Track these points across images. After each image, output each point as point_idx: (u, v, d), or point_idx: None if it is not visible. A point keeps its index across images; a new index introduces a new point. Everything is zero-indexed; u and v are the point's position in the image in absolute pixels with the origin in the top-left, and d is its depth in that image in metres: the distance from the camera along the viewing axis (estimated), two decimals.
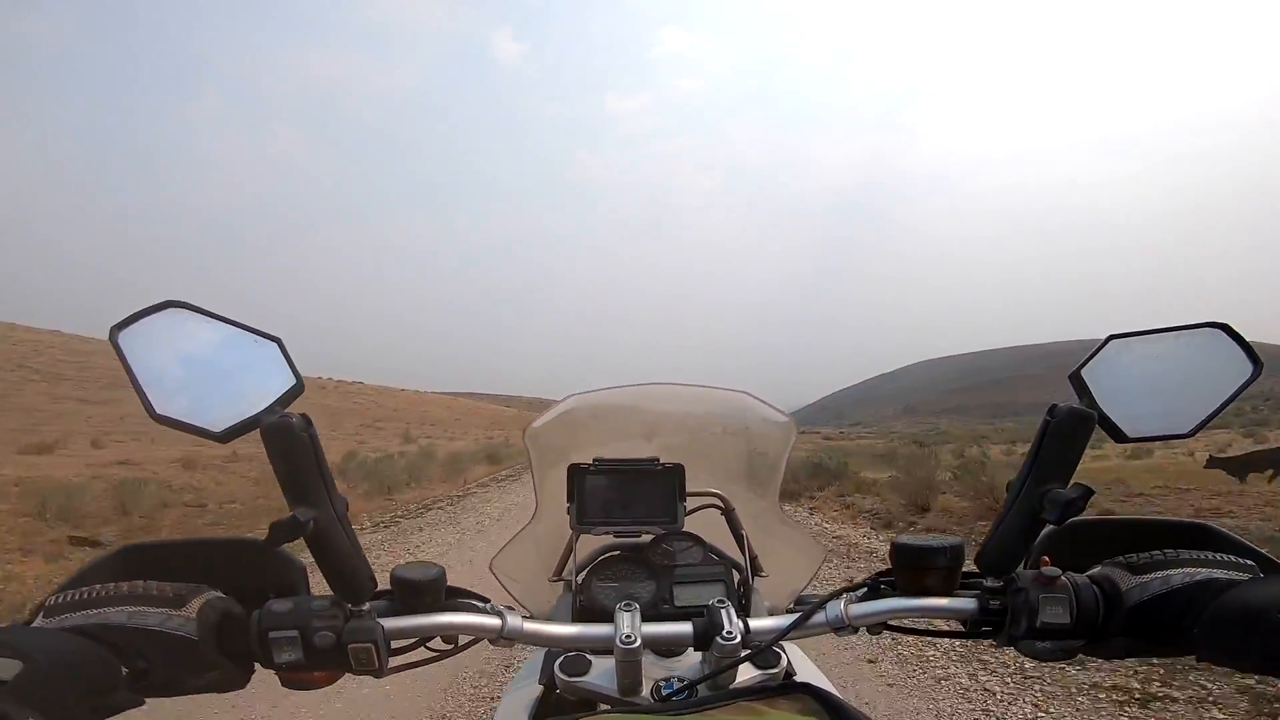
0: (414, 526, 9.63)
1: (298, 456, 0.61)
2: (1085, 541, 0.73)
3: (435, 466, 18.04)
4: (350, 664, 0.63)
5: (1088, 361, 0.69)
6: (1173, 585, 0.63)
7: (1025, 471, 0.68)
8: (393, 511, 11.17)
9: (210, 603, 0.62)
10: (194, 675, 0.60)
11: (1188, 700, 3.26)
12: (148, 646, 0.57)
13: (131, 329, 0.60)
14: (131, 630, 0.58)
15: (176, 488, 12.05)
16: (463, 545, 7.89)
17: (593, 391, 1.02)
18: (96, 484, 10.27)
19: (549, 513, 0.96)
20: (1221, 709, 3.14)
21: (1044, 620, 0.65)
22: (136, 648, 0.57)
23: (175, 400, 0.61)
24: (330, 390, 53.12)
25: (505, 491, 14.79)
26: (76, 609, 0.58)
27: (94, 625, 0.57)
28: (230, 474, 14.11)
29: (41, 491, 8.93)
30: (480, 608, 0.72)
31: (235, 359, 0.63)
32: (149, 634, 0.58)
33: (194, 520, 9.67)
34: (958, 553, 0.71)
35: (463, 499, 13.20)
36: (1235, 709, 3.14)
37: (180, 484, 12.57)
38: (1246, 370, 0.67)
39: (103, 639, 0.56)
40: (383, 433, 36.77)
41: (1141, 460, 18.79)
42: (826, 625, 0.72)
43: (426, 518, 10.54)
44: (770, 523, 1.03)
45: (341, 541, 0.63)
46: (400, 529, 9.43)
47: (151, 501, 9.81)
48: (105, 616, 0.58)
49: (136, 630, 0.58)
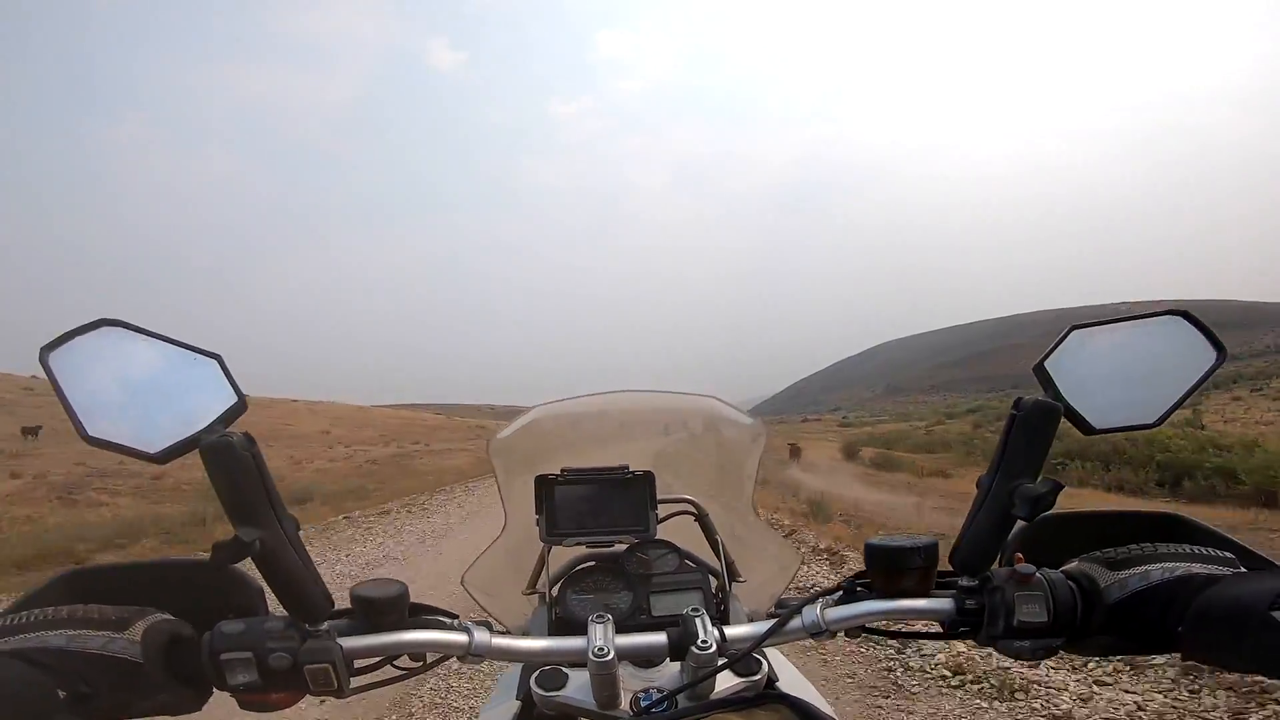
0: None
1: (240, 476, 0.58)
2: (1058, 536, 0.72)
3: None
4: (308, 685, 0.61)
5: (1050, 353, 0.68)
6: (1152, 581, 0.63)
7: (994, 467, 0.67)
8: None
9: (156, 625, 0.59)
10: (141, 699, 0.58)
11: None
12: (89, 670, 0.55)
13: (63, 349, 0.58)
14: (72, 654, 0.55)
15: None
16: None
17: (558, 401, 1.00)
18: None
19: (519, 525, 0.95)
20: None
21: (1021, 619, 0.64)
22: (77, 672, 0.54)
23: (110, 421, 0.58)
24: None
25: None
26: (14, 633, 0.56)
27: (31, 649, 0.54)
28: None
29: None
30: (446, 624, 0.70)
31: (174, 378, 0.61)
32: (90, 658, 0.55)
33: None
34: (932, 552, 0.70)
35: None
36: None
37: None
38: (1210, 357, 0.67)
39: (41, 663, 0.53)
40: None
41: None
42: (803, 630, 0.70)
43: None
44: (745, 527, 1.03)
45: (292, 561, 0.61)
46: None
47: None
48: (44, 640, 0.55)
49: (77, 654, 0.55)
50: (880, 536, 0.72)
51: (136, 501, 13.35)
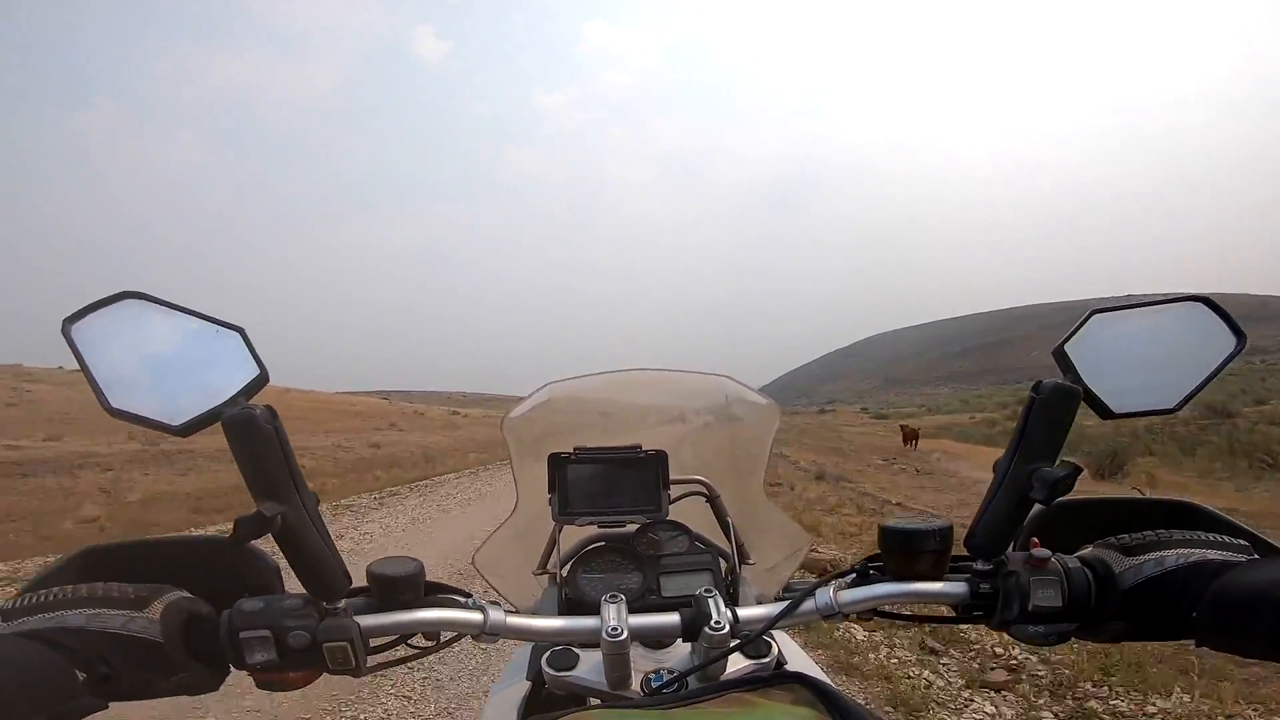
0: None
1: (262, 449, 0.58)
2: (1075, 521, 0.72)
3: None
4: (326, 664, 0.61)
5: (1070, 337, 0.68)
6: (1166, 567, 0.63)
7: (1011, 450, 0.67)
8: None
9: (175, 603, 0.59)
10: (161, 678, 0.58)
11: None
12: (109, 650, 0.55)
13: (85, 321, 0.58)
14: (91, 633, 0.55)
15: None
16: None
17: (570, 379, 1.00)
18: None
19: (530, 504, 0.94)
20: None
21: (1035, 603, 0.64)
22: (97, 652, 0.54)
23: (132, 394, 0.58)
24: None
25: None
26: (33, 613, 0.56)
27: (51, 629, 0.55)
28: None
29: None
30: (461, 603, 0.70)
31: (196, 350, 0.60)
32: (110, 636, 0.55)
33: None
34: (946, 535, 0.70)
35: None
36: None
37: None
38: (1230, 344, 0.67)
39: (60, 643, 0.53)
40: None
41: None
42: (816, 612, 0.70)
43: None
44: (756, 509, 1.02)
45: (312, 537, 0.61)
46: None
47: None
48: (63, 620, 0.55)
49: (96, 633, 0.55)
50: (894, 519, 0.72)
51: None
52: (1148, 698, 3.18)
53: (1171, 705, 3.08)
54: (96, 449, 17.15)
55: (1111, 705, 3.15)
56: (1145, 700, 3.16)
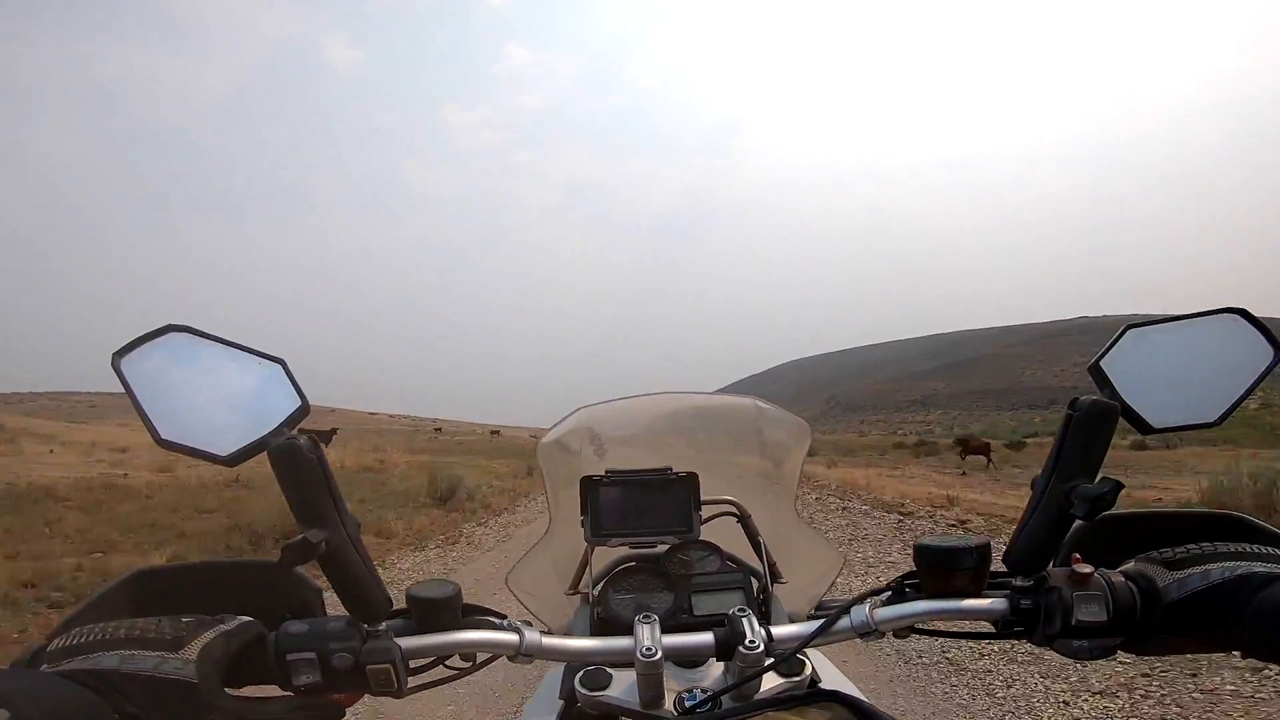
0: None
1: (306, 478, 0.60)
2: (1115, 536, 0.71)
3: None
4: (369, 685, 0.62)
5: (1106, 353, 0.67)
6: (1212, 581, 0.61)
7: (1050, 467, 0.66)
8: None
9: (213, 642, 0.59)
10: (193, 718, 0.57)
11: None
12: (139, 692, 0.55)
13: (133, 354, 0.60)
14: (123, 675, 0.55)
15: None
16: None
17: (601, 403, 1.01)
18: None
19: (563, 526, 0.95)
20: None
21: (1080, 619, 0.63)
22: (128, 693, 0.54)
23: (180, 425, 0.60)
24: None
25: None
26: (71, 655, 0.56)
27: (86, 671, 0.55)
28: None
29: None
30: (497, 624, 0.71)
31: (240, 382, 0.62)
32: (141, 680, 0.55)
33: None
34: (984, 553, 0.69)
35: None
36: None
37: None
38: (1268, 355, 0.66)
39: (93, 685, 0.54)
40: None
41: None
42: (852, 630, 0.70)
43: None
44: (787, 528, 1.02)
45: (355, 562, 0.62)
46: None
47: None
48: (98, 661, 0.56)
49: (127, 675, 0.55)
50: (930, 537, 0.72)
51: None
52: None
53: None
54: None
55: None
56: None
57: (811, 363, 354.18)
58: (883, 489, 13.97)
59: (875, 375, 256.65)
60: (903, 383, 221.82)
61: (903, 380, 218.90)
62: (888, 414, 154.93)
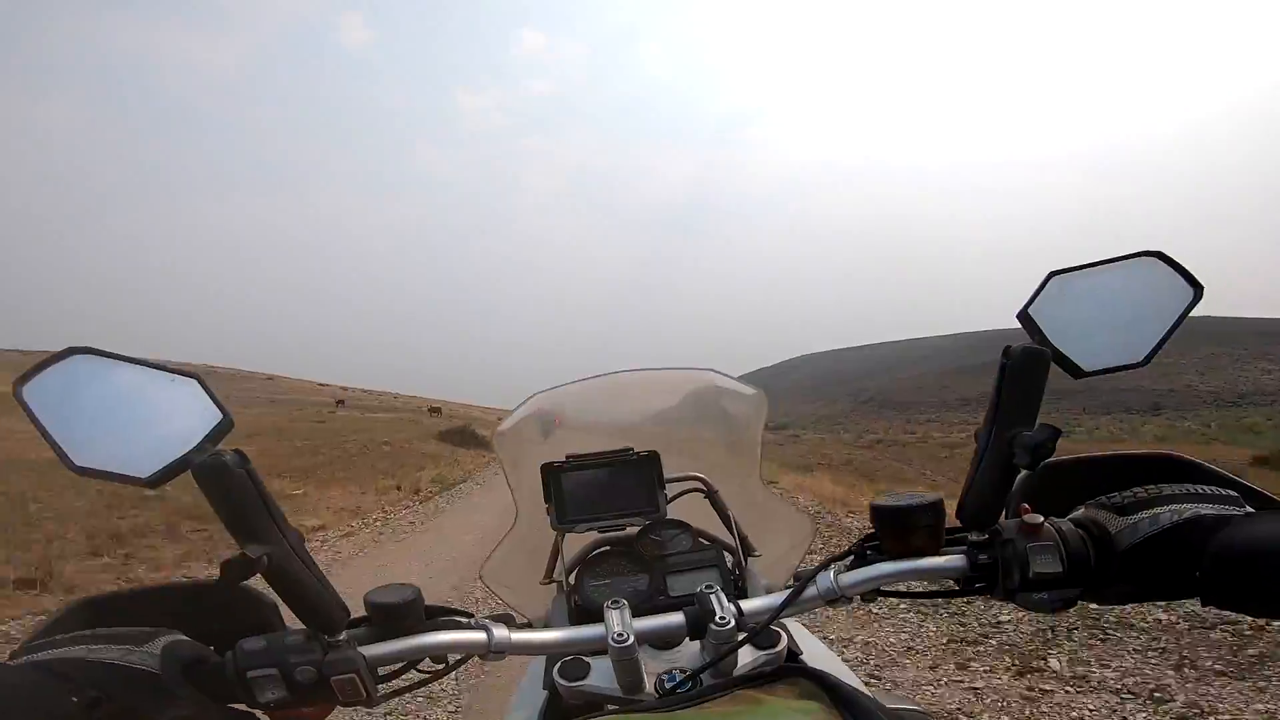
0: None
1: (238, 493, 0.58)
2: (1062, 484, 0.72)
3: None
4: (337, 697, 0.61)
5: (1033, 300, 0.68)
6: (1162, 525, 0.62)
7: (989, 418, 0.67)
8: None
9: (176, 642, 0.60)
10: (156, 710, 0.58)
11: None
12: (106, 679, 0.56)
13: (36, 381, 0.57)
14: (90, 664, 0.56)
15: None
16: None
17: (554, 388, 1.00)
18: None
19: (530, 515, 0.95)
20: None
21: (1035, 571, 0.64)
22: (94, 680, 0.55)
23: (94, 450, 0.58)
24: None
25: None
26: (38, 650, 0.57)
27: (54, 660, 0.56)
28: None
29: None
30: (464, 623, 0.70)
31: (154, 400, 0.60)
32: (107, 666, 0.56)
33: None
34: (938, 509, 0.70)
35: None
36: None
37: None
38: (1188, 294, 0.67)
39: (61, 673, 0.55)
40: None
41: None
42: (819, 598, 0.70)
43: None
44: (756, 500, 1.02)
45: (302, 573, 0.61)
46: None
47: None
48: (66, 653, 0.57)
49: (95, 664, 0.56)
50: (884, 495, 0.72)
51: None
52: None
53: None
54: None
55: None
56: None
57: (827, 357, 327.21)
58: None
59: (909, 371, 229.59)
60: (946, 378, 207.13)
61: (944, 376, 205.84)
62: (939, 412, 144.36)
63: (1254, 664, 3.32)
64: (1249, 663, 3.34)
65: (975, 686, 3.40)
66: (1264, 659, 3.35)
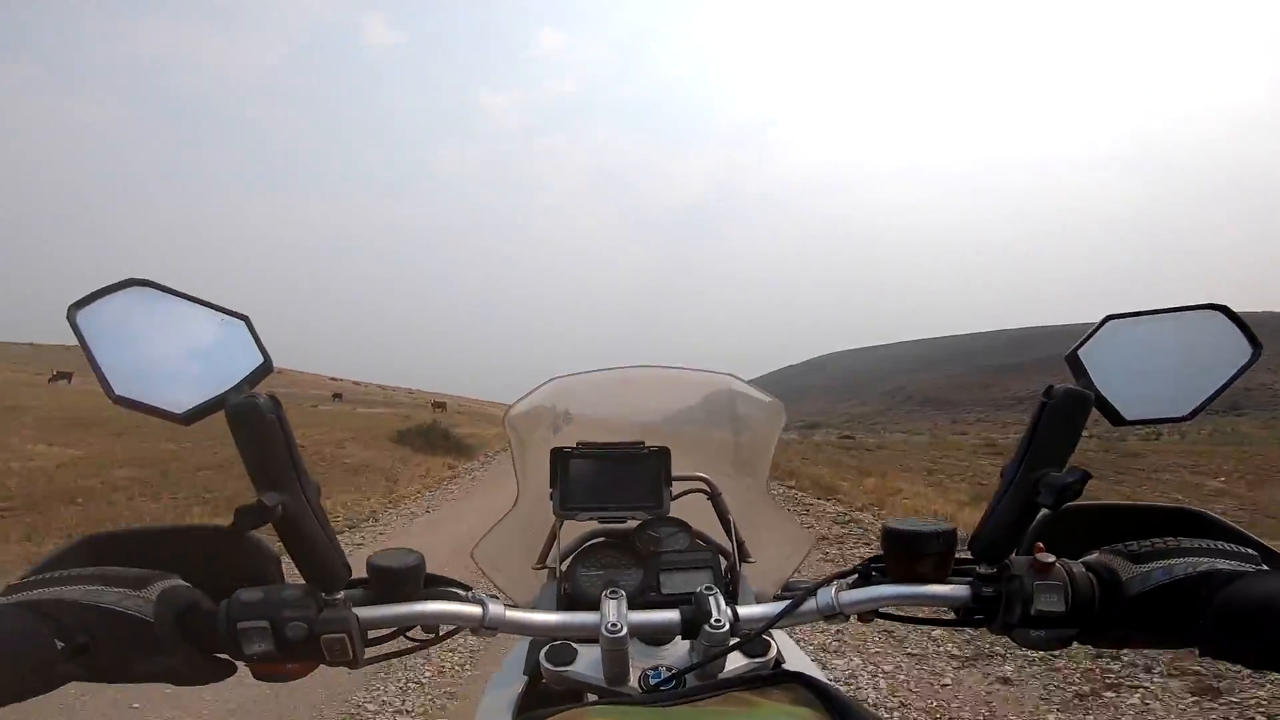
0: None
1: (265, 438, 0.57)
2: (1082, 527, 0.71)
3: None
4: (324, 655, 0.61)
5: (1084, 342, 0.67)
6: (1175, 576, 0.62)
7: (1019, 455, 0.65)
8: None
9: (174, 588, 0.59)
10: (144, 658, 0.57)
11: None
12: (97, 623, 0.55)
13: (91, 308, 0.57)
14: (81, 606, 0.55)
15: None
16: None
17: (574, 375, 0.99)
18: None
19: (531, 499, 0.94)
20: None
21: (1038, 608, 0.63)
22: (83, 624, 0.54)
23: (136, 381, 0.58)
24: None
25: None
26: (33, 589, 0.56)
27: (46, 601, 0.55)
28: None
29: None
30: (461, 596, 0.70)
31: (201, 338, 0.60)
32: (100, 611, 0.55)
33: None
34: (950, 538, 0.69)
35: None
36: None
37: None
38: (1246, 352, 0.65)
39: (51, 615, 0.54)
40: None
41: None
42: (817, 613, 0.70)
43: None
44: (758, 508, 1.02)
45: (313, 528, 0.60)
46: None
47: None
48: (59, 594, 0.56)
49: (86, 606, 0.55)
50: (898, 519, 0.71)
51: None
52: None
53: None
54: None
55: None
56: None
57: (855, 355, 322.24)
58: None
59: (947, 369, 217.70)
60: (991, 376, 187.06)
61: (988, 374, 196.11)
62: (988, 411, 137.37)
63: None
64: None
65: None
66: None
